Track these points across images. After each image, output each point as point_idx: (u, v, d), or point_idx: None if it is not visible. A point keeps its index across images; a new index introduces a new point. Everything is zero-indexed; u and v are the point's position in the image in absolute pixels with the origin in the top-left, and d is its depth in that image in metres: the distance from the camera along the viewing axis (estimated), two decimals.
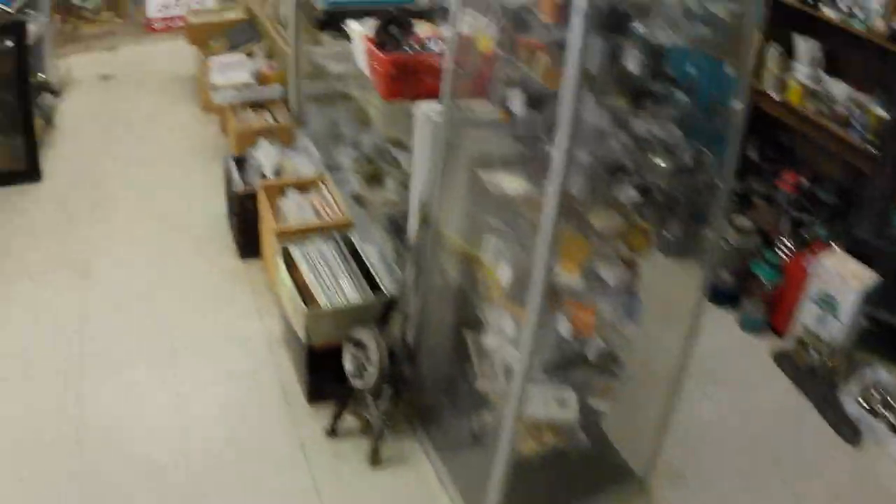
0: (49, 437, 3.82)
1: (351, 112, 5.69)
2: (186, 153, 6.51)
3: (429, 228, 3.54)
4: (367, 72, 3.90)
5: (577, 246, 3.02)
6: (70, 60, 8.33)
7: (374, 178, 5.04)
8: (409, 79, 3.45)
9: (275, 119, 5.86)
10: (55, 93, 7.14)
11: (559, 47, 2.59)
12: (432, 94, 3.38)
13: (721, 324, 4.93)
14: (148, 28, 9.74)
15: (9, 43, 5.84)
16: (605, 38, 2.63)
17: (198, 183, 6.02)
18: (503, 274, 3.18)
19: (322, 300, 3.93)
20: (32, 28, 6.45)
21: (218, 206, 5.53)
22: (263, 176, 4.93)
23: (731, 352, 4.80)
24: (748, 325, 4.79)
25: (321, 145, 5.54)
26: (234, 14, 7.81)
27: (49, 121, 6.98)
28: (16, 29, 5.90)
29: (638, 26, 2.80)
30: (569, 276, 3.03)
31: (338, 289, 3.99)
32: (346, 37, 4.40)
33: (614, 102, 2.93)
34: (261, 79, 6.07)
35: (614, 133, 2.95)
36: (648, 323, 3.35)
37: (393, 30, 3.66)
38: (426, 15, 4.43)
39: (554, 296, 2.98)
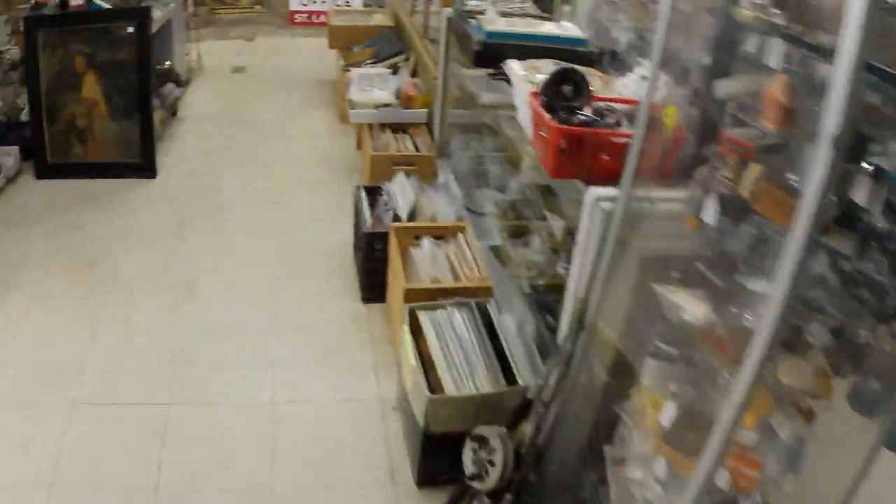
0: (129, 485, 3.33)
1: (500, 148, 5.09)
2: (316, 167, 5.98)
3: (582, 331, 2.90)
4: (528, 131, 3.26)
5: (761, 398, 2.38)
6: (203, 47, 7.90)
7: (518, 233, 4.42)
8: (583, 155, 2.77)
9: (415, 147, 5.29)
10: (180, 83, 6.69)
11: (777, 158, 1.96)
12: (608, 175, 2.73)
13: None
14: (289, 20, 9.29)
15: (130, 29, 5.42)
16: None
17: (325, 203, 5.47)
18: (666, 411, 2.54)
19: (448, 383, 3.33)
20: (158, 14, 6.03)
21: (344, 234, 4.98)
22: (397, 216, 4.34)
23: None
24: None
25: (463, 181, 4.94)
26: (380, 20, 7.29)
27: (173, 112, 6.56)
28: (139, 14, 5.47)
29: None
30: (744, 431, 2.40)
31: (467, 372, 3.38)
32: (505, 77, 3.78)
33: (833, 241, 2.27)
34: (404, 100, 5.50)
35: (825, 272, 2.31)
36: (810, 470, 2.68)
37: (566, 89, 2.99)
38: (596, 59, 3.80)
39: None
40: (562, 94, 2.87)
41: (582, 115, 2.77)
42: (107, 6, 5.53)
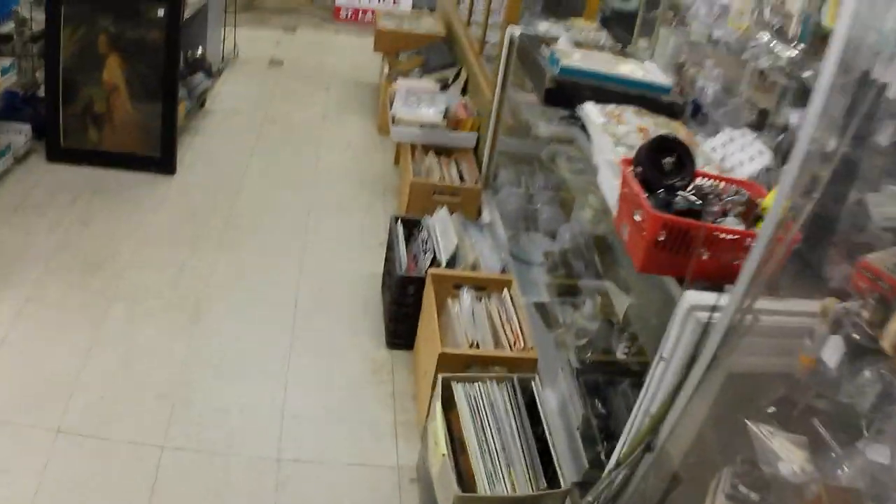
0: None
1: (553, 186, 4.63)
2: (348, 182, 5.51)
3: (649, 453, 2.40)
4: (609, 201, 2.77)
5: None
6: (241, 34, 7.43)
7: (568, 291, 3.96)
8: (684, 250, 2.26)
9: (460, 175, 4.80)
10: (211, 74, 6.23)
11: None
12: (705, 276, 2.24)
13: None
14: (334, 15, 8.84)
15: (161, 12, 4.96)
16: None
17: (354, 226, 5.00)
18: None
19: (480, 474, 2.85)
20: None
21: (372, 265, 4.53)
22: (435, 259, 3.86)
23: None
24: None
25: (509, 222, 4.46)
26: (430, 26, 6.81)
27: (201, 103, 6.10)
28: None
29: None
30: None
31: (503, 463, 2.90)
32: (578, 120, 3.31)
33: None
34: (452, 121, 5.02)
35: None
36: None
37: (666, 162, 2.47)
38: (679, 111, 3.32)
39: None
40: (661, 168, 2.37)
41: (685, 198, 2.27)
42: None
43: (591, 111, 3.07)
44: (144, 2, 5.05)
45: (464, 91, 5.55)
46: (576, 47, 3.80)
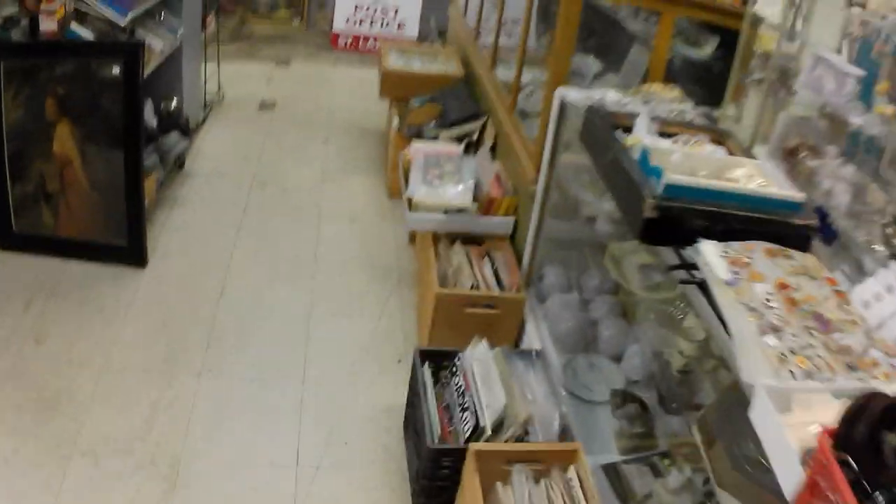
0: None
1: (612, 286, 3.66)
2: (356, 268, 4.54)
3: None
4: (774, 463, 1.75)
5: None
6: (228, 70, 6.51)
7: (645, 447, 2.98)
8: None
9: (496, 275, 3.81)
10: (188, 132, 5.23)
11: None
12: None
13: None
14: (332, 43, 7.84)
15: (116, 70, 3.98)
16: None
17: (365, 332, 4.03)
18: None
19: None
20: (159, 45, 4.61)
21: (391, 394, 3.60)
22: (477, 425, 2.86)
23: None
24: None
25: (562, 342, 3.48)
26: (445, 64, 5.81)
27: (180, 165, 5.14)
28: (128, 51, 4.05)
29: None
30: None
31: None
32: (696, 278, 2.30)
33: None
34: (484, 203, 4.02)
35: None
36: None
37: (890, 443, 1.44)
38: (807, 235, 2.33)
39: None
40: (880, 451, 1.38)
41: None
42: (88, 36, 4.08)
43: (712, 258, 2.07)
44: (96, 57, 4.08)
45: (492, 148, 4.54)
46: (659, 129, 2.81)
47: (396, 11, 8.14)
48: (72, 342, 3.69)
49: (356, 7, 8.12)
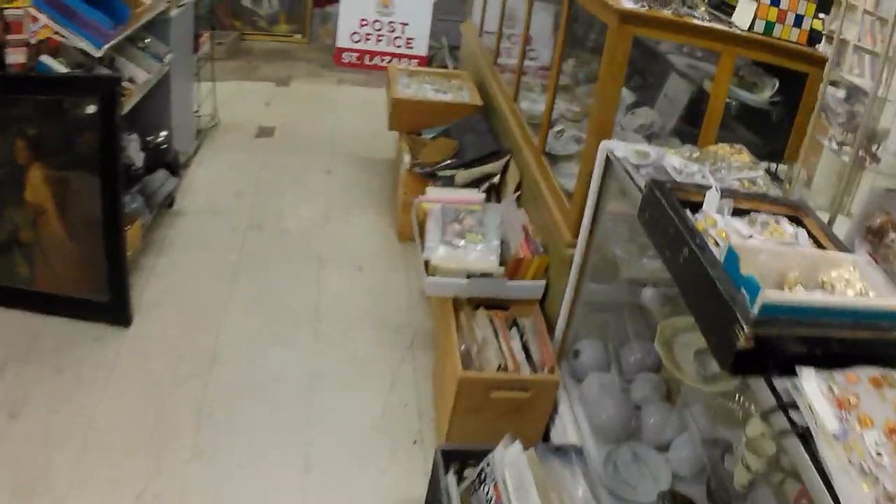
0: None
1: (655, 366, 3.20)
2: (364, 327, 4.04)
3: None
4: None
5: None
6: (224, 90, 6.08)
7: None
8: None
9: (525, 348, 3.33)
10: (177, 169, 4.76)
11: None
12: None
13: None
14: (335, 59, 7.36)
15: (91, 109, 3.52)
16: None
17: (376, 407, 3.55)
18: None
19: None
20: (143, 76, 4.16)
21: (408, 485, 3.13)
22: None
23: None
24: None
25: (601, 432, 3.01)
26: (459, 92, 5.33)
27: (169, 204, 4.67)
28: (104, 87, 3.58)
29: None
30: None
31: None
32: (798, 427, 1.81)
33: None
34: (511, 265, 3.53)
35: None
36: None
37: None
38: None
39: None
40: None
41: None
42: (60, 70, 3.60)
43: (817, 401, 1.61)
44: (69, 94, 3.61)
45: (516, 192, 4.06)
46: (731, 204, 2.33)
47: (405, 27, 7.65)
48: (49, 416, 3.25)
49: (361, 21, 7.62)
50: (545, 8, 5.21)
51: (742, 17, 3.06)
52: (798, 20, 3.04)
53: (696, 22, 3.00)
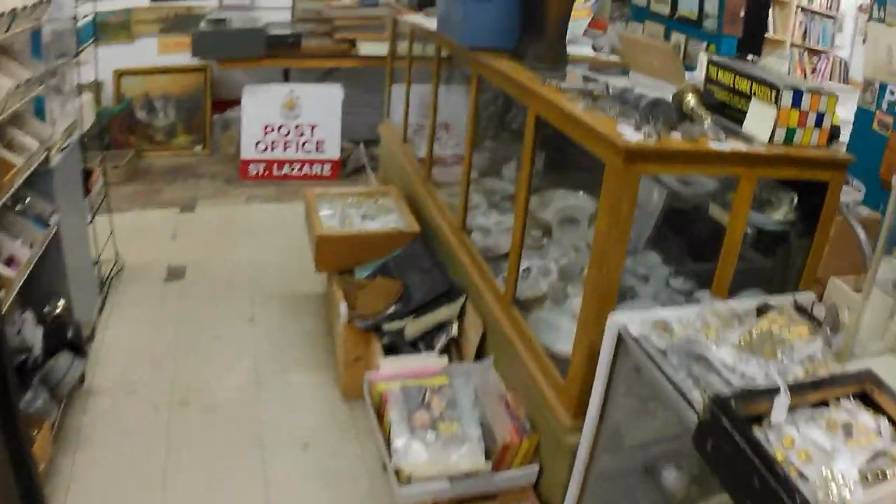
0: None
1: None
2: None
3: None
4: None
5: None
6: (124, 223, 5.50)
7: None
8: None
9: None
10: (82, 347, 4.09)
11: None
12: None
13: None
14: (241, 173, 6.75)
15: None
16: None
17: None
18: None
19: None
20: (24, 254, 3.55)
21: None
22: None
23: None
24: None
25: None
26: (390, 215, 4.79)
27: (80, 380, 3.99)
28: None
29: None
30: None
31: None
32: None
33: None
34: (497, 456, 2.95)
35: None
36: None
37: None
38: None
39: None
40: None
41: None
42: None
43: None
44: None
45: (481, 341, 3.49)
46: (800, 402, 1.82)
47: (313, 129, 7.08)
48: None
49: (266, 128, 7.03)
50: (491, 102, 4.80)
51: (758, 126, 2.59)
52: (819, 119, 2.59)
53: (714, 147, 2.48)
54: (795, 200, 2.82)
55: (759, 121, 2.56)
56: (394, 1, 6.12)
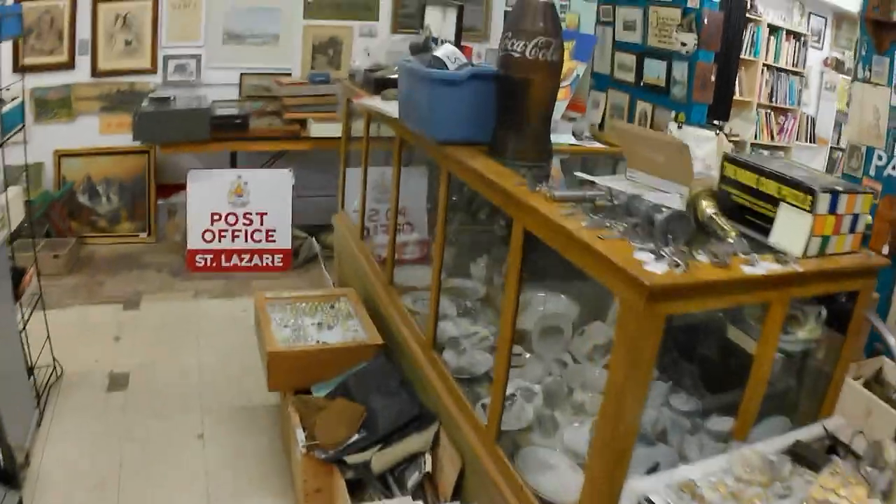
0: None
1: None
2: None
3: None
4: None
5: None
6: (62, 321, 5.24)
7: None
8: None
9: None
10: (13, 480, 3.76)
11: None
12: None
13: None
14: (188, 264, 6.45)
15: None
16: None
17: None
18: None
19: None
20: None
21: None
22: None
23: None
24: None
25: None
26: (347, 323, 4.53)
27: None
28: None
29: None
30: None
31: None
32: None
33: None
34: None
35: None
36: None
37: None
38: None
39: None
40: None
41: None
42: None
43: None
44: None
45: (460, 476, 3.22)
46: None
47: (263, 218, 6.80)
48: None
49: (213, 216, 6.74)
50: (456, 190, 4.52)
51: (788, 237, 2.26)
52: (854, 221, 2.30)
53: (748, 272, 2.12)
54: (824, 315, 2.57)
55: (790, 230, 2.24)
56: (347, 80, 5.83)
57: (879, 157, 4.05)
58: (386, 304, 4.33)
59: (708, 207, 2.32)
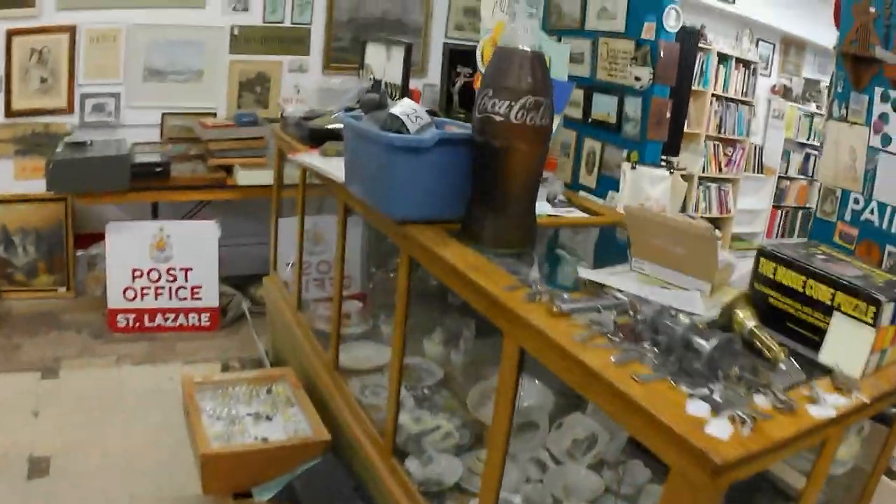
0: None
1: None
2: None
3: None
4: None
5: None
6: None
7: None
8: None
9: None
10: None
11: None
12: None
13: None
14: (109, 324, 6.11)
15: None
16: None
17: None
18: None
19: None
20: None
21: None
22: None
23: None
24: None
25: None
26: (286, 411, 4.28)
27: None
28: None
29: None
30: None
31: None
32: None
33: None
34: None
35: None
36: None
37: None
38: None
39: None
40: None
41: None
42: None
43: None
44: None
45: None
46: None
47: (188, 273, 6.49)
48: None
49: (135, 272, 6.41)
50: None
51: (844, 354, 1.92)
52: None
53: (816, 414, 1.75)
54: (867, 431, 2.33)
55: (846, 345, 1.91)
56: (279, 128, 5.50)
57: (856, 201, 3.92)
58: (332, 392, 4.07)
59: (747, 319, 2.00)
